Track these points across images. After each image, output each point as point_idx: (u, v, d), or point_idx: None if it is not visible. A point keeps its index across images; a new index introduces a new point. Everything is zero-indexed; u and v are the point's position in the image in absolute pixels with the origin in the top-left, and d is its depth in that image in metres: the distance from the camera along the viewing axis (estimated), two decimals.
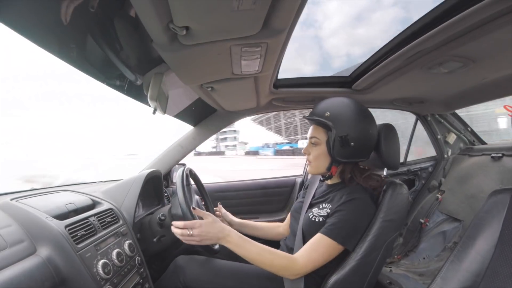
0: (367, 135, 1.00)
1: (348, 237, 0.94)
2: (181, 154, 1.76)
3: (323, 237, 0.94)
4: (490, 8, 0.72)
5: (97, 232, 0.90)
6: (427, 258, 1.99)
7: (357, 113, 1.00)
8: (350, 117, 0.99)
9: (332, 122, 0.99)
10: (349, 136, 0.97)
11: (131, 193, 1.18)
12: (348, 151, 0.98)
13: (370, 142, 1.02)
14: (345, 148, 0.98)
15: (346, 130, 0.97)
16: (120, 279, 0.89)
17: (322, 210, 1.03)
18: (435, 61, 1.06)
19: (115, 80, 0.95)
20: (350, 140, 0.97)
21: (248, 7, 0.59)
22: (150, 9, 0.57)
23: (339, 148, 0.98)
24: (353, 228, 0.96)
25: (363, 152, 1.01)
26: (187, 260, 1.14)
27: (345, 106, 1.02)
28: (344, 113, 1.00)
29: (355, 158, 1.01)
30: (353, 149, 0.98)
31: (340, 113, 1.00)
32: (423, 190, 2.28)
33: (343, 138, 0.97)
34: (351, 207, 0.96)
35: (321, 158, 1.05)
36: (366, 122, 1.01)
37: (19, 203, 0.84)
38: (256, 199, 2.01)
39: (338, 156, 1.00)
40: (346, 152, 0.99)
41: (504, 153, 1.88)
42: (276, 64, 1.00)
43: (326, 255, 0.94)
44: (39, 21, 0.68)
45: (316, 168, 1.08)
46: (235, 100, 1.49)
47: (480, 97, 1.73)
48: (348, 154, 0.99)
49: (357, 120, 0.99)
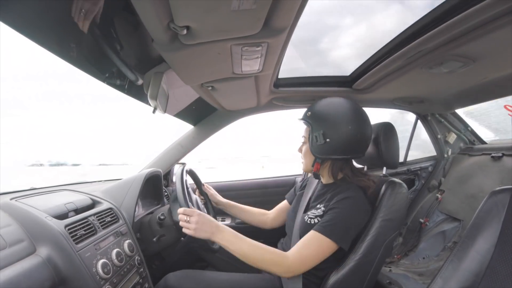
0: (344, 132, 1.00)
1: (341, 234, 0.94)
2: (181, 153, 1.76)
3: (316, 234, 0.95)
4: (490, 9, 0.72)
5: (96, 231, 0.90)
6: (426, 258, 1.99)
7: (335, 111, 1.03)
8: (326, 115, 1.03)
9: (311, 120, 1.05)
10: (324, 133, 1.01)
11: (131, 192, 1.18)
12: (325, 147, 1.01)
13: (350, 138, 1.00)
14: (321, 144, 1.01)
15: (321, 127, 1.02)
16: (119, 279, 0.89)
17: (317, 211, 1.04)
18: (436, 60, 1.06)
19: (115, 79, 0.95)
20: (325, 137, 1.00)
21: (249, 7, 0.59)
22: (150, 8, 0.57)
23: (316, 144, 1.03)
24: (346, 226, 0.96)
25: (342, 149, 1.01)
26: (179, 278, 1.07)
27: (325, 105, 1.06)
28: (322, 112, 1.05)
29: (333, 154, 1.02)
30: (328, 145, 1.01)
31: (319, 111, 1.05)
32: (423, 190, 2.28)
33: (319, 134, 1.01)
34: (345, 205, 0.97)
35: (307, 155, 1.10)
36: (345, 120, 1.01)
37: (19, 203, 0.84)
38: (256, 198, 2.01)
39: (316, 152, 1.04)
40: (323, 148, 1.02)
41: (504, 152, 1.88)
42: (276, 63, 0.99)
43: (318, 252, 0.93)
44: (40, 20, 0.68)
45: (305, 165, 1.13)
46: (236, 99, 1.49)
47: (480, 97, 1.73)
48: (325, 150, 1.02)
49: (334, 118, 1.02)
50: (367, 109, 1.09)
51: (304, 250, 0.94)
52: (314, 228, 0.96)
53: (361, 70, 1.38)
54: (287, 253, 0.95)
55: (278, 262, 0.93)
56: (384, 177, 1.14)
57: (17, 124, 17.04)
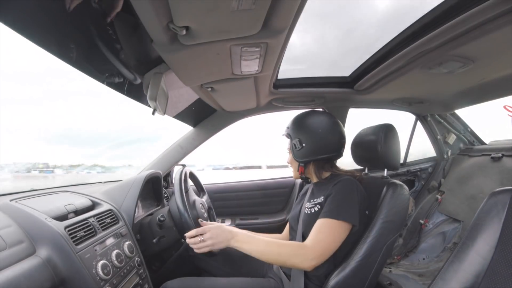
0: (316, 135, 1.13)
1: (347, 213, 0.96)
2: (181, 154, 1.76)
3: (323, 220, 0.96)
4: (491, 10, 0.72)
5: (96, 233, 0.90)
6: (427, 259, 1.99)
7: (307, 120, 1.19)
8: (300, 124, 1.18)
9: (290, 132, 1.19)
10: (300, 139, 1.15)
11: (131, 194, 1.18)
12: (303, 151, 1.15)
13: (321, 140, 1.14)
14: (300, 149, 1.15)
15: (297, 135, 1.16)
16: (119, 280, 0.89)
17: (316, 199, 1.07)
18: (435, 61, 1.06)
19: (115, 80, 0.95)
20: (301, 142, 1.14)
21: (248, 7, 0.59)
22: (150, 9, 0.57)
23: (296, 151, 1.17)
24: (347, 203, 0.98)
25: (317, 150, 1.14)
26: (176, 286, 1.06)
27: (300, 117, 1.21)
28: (297, 123, 1.20)
29: (311, 156, 1.15)
30: (306, 149, 1.14)
31: (295, 123, 1.20)
32: (422, 191, 2.28)
33: (296, 142, 1.15)
34: (339, 187, 1.03)
35: (292, 162, 1.23)
36: (315, 125, 1.16)
37: (19, 204, 0.84)
38: (256, 200, 2.01)
39: (297, 157, 1.17)
40: (302, 153, 1.15)
41: (503, 153, 1.89)
42: (276, 64, 1.00)
43: (333, 235, 0.95)
44: (39, 21, 0.68)
45: (293, 172, 1.24)
46: (235, 100, 1.49)
47: (479, 97, 1.73)
48: (304, 154, 1.15)
49: (306, 125, 1.17)
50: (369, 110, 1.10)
51: (320, 235, 0.95)
52: (320, 216, 0.98)
53: (360, 70, 1.38)
54: (305, 242, 0.96)
55: (298, 253, 0.93)
56: (385, 179, 1.13)
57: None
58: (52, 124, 5.58)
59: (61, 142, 6.09)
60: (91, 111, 6.43)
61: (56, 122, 6.02)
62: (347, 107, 1.81)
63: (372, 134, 1.18)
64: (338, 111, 1.78)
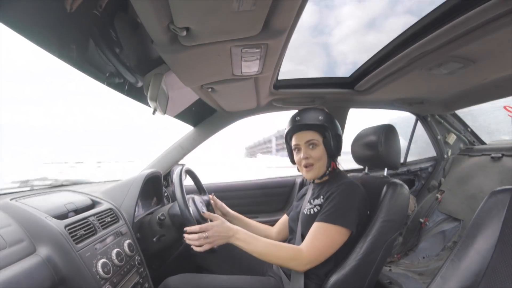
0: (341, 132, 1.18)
1: (344, 218, 0.96)
2: (181, 154, 1.77)
3: (320, 224, 0.97)
4: (492, 10, 0.72)
5: (96, 231, 0.90)
6: (426, 258, 1.99)
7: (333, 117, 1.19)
8: (332, 119, 1.17)
9: (327, 123, 1.13)
10: (339, 133, 1.16)
11: (131, 193, 1.18)
12: (339, 146, 1.17)
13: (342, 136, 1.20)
14: (339, 144, 1.16)
15: (335, 129, 1.15)
16: (119, 279, 0.89)
17: (316, 201, 1.07)
18: (435, 62, 1.07)
19: (115, 80, 0.95)
20: (339, 138, 1.15)
21: (249, 8, 0.59)
22: (150, 10, 0.57)
23: (336, 144, 1.15)
24: (346, 208, 0.98)
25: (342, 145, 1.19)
26: (177, 282, 1.06)
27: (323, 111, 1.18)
28: (329, 116, 1.17)
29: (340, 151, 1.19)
30: (341, 144, 1.17)
31: (327, 116, 1.16)
32: (422, 190, 2.28)
33: (337, 135, 1.14)
34: (340, 190, 1.02)
35: (323, 157, 1.14)
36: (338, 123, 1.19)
37: (19, 203, 0.84)
38: (256, 199, 2.01)
39: (337, 151, 1.16)
40: (339, 147, 1.17)
41: (503, 153, 1.89)
42: (276, 65, 1.00)
43: (329, 240, 0.96)
44: (40, 22, 0.68)
45: (318, 169, 1.13)
46: (235, 101, 1.49)
47: (480, 98, 1.73)
48: (339, 148, 1.17)
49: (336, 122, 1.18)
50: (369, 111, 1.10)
51: (315, 241, 0.96)
52: (317, 219, 0.99)
53: (361, 71, 1.38)
54: (300, 246, 0.97)
55: (294, 257, 0.96)
56: (385, 178, 1.14)
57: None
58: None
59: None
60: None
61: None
62: (347, 108, 1.81)
63: (372, 134, 1.18)
64: (338, 112, 1.78)
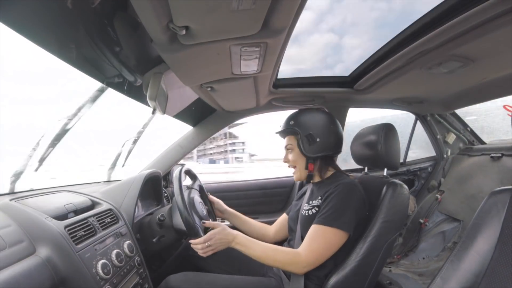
0: (330, 130, 1.13)
1: (341, 220, 0.96)
2: (181, 154, 1.76)
3: (317, 226, 0.98)
4: (491, 10, 0.72)
5: (96, 232, 0.90)
6: (426, 258, 1.99)
7: (315, 115, 1.16)
8: (309, 119, 1.15)
9: (297, 127, 1.13)
10: (313, 133, 1.11)
11: (131, 193, 1.18)
12: (316, 146, 1.11)
13: (335, 136, 1.14)
14: (313, 144, 1.11)
15: (309, 130, 1.11)
16: (119, 279, 0.89)
17: (314, 201, 1.07)
18: (435, 61, 1.06)
19: (114, 80, 0.95)
20: (315, 136, 1.10)
21: (248, 7, 0.59)
22: (150, 8, 0.57)
23: (307, 145, 1.12)
24: (343, 210, 0.98)
25: (330, 145, 1.13)
26: (179, 280, 1.07)
27: (304, 112, 1.18)
28: (304, 117, 1.16)
29: (323, 151, 1.12)
30: (319, 143, 1.11)
31: (301, 118, 1.15)
32: (422, 190, 2.28)
33: (308, 136, 1.11)
34: (337, 191, 1.01)
35: (298, 160, 1.16)
36: (325, 120, 1.14)
37: (19, 204, 0.84)
38: (256, 199, 2.01)
39: (309, 152, 1.12)
40: (314, 148, 1.11)
41: (503, 153, 1.88)
42: (275, 64, 0.99)
43: (327, 243, 0.96)
44: (39, 21, 0.68)
45: (298, 170, 1.17)
46: (235, 100, 1.49)
47: (479, 97, 1.73)
48: (317, 149, 1.12)
49: (317, 120, 1.14)
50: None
51: (313, 244, 0.97)
52: (315, 222, 0.99)
53: (360, 70, 1.38)
54: (298, 250, 0.98)
55: (292, 261, 0.97)
56: (384, 178, 1.14)
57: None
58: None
59: None
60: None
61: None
62: (347, 107, 1.81)
63: (372, 133, 1.17)
64: (338, 111, 1.78)
